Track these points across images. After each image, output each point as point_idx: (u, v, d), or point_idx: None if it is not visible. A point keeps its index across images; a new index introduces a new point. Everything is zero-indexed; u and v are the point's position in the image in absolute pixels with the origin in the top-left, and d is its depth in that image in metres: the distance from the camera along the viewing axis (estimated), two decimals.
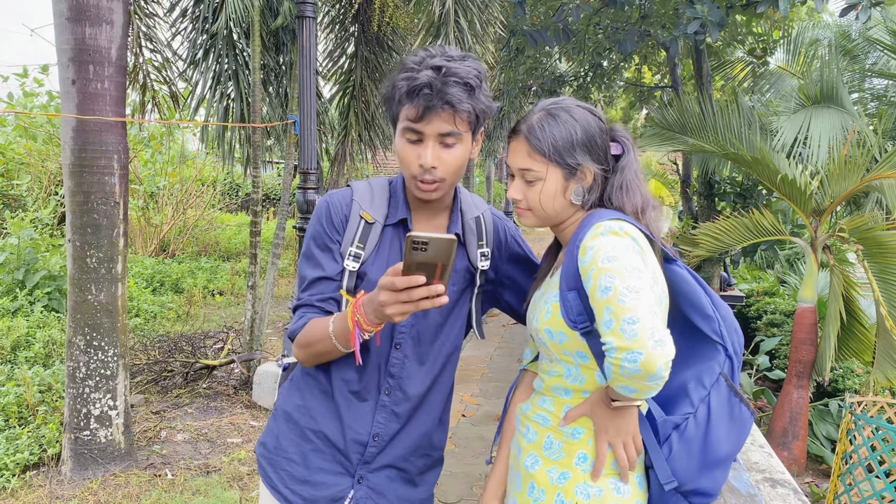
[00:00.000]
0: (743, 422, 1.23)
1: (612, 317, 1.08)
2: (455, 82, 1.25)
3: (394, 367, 1.38)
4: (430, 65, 1.27)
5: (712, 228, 4.94)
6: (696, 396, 1.22)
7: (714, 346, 1.23)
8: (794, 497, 1.79)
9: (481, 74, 1.31)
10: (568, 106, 1.31)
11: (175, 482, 3.52)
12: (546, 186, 1.28)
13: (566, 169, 1.27)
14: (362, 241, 1.39)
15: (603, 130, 1.31)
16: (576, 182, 1.29)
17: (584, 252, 1.18)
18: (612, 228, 1.19)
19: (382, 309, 1.11)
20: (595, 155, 1.29)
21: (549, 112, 1.30)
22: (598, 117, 1.32)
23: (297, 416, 1.42)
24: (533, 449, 1.31)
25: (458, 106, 1.26)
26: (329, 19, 6.85)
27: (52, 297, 6.08)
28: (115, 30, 3.39)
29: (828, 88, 5.35)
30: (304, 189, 4.77)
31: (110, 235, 3.49)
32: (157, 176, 10.78)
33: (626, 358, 1.05)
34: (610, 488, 1.23)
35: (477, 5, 5.89)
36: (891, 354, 4.16)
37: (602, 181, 1.31)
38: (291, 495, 1.38)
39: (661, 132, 5.82)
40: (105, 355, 3.52)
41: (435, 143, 1.29)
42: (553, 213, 1.31)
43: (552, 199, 1.29)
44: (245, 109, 5.76)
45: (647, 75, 10.13)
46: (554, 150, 1.26)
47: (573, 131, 1.27)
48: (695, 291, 1.26)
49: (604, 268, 1.13)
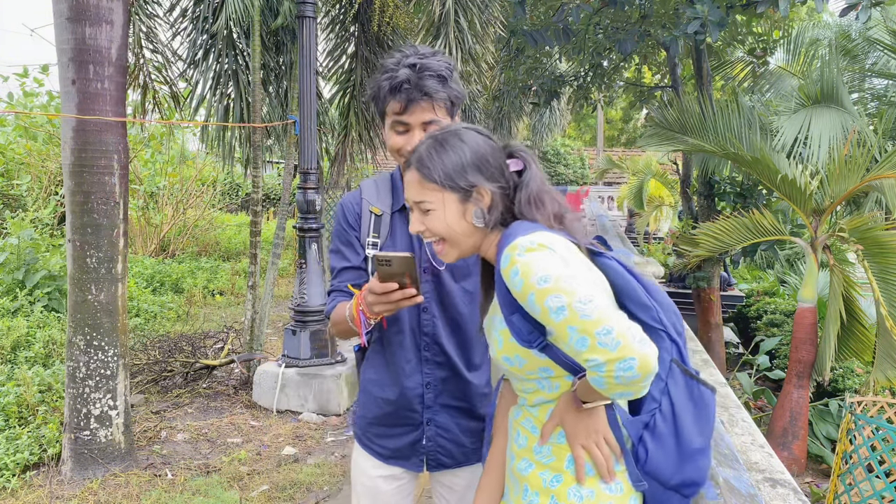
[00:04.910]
0: (706, 402, 1.24)
1: (582, 335, 1.07)
2: (430, 75, 1.46)
3: (426, 327, 1.62)
4: (407, 63, 1.47)
5: (712, 228, 4.94)
6: (656, 389, 1.22)
7: (657, 333, 1.23)
8: (794, 497, 1.79)
9: (451, 66, 1.51)
10: (455, 130, 1.30)
11: (175, 482, 3.52)
12: (444, 213, 1.27)
13: (460, 192, 1.25)
14: (376, 231, 1.64)
15: (495, 149, 1.30)
16: (473, 204, 1.26)
17: (509, 278, 1.17)
18: (525, 246, 1.16)
19: (371, 306, 1.38)
20: (488, 174, 1.27)
21: (436, 139, 1.29)
22: (487, 136, 1.31)
23: (370, 387, 1.69)
24: (525, 454, 1.32)
25: (435, 95, 1.47)
26: (329, 19, 6.85)
27: (52, 297, 6.08)
28: (115, 30, 3.39)
29: (828, 88, 5.34)
30: (304, 189, 4.77)
31: (110, 235, 3.49)
32: (157, 176, 10.79)
33: (620, 367, 1.05)
34: (601, 488, 1.23)
35: (477, 5, 5.89)
36: (891, 354, 4.16)
37: (503, 199, 1.28)
38: (380, 448, 1.67)
39: (661, 132, 5.82)
40: (105, 355, 3.52)
41: (420, 131, 1.50)
42: (463, 238, 1.29)
43: (454, 224, 1.27)
44: (245, 109, 5.76)
45: (647, 75, 10.13)
46: (444, 175, 1.25)
47: (462, 154, 1.26)
48: (628, 282, 1.26)
49: (543, 290, 1.11)
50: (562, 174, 27.34)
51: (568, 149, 27.97)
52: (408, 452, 1.66)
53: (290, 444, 4.08)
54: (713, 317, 6.60)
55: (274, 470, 3.71)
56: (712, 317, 6.60)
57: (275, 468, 3.73)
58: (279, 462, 3.81)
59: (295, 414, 4.53)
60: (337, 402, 4.54)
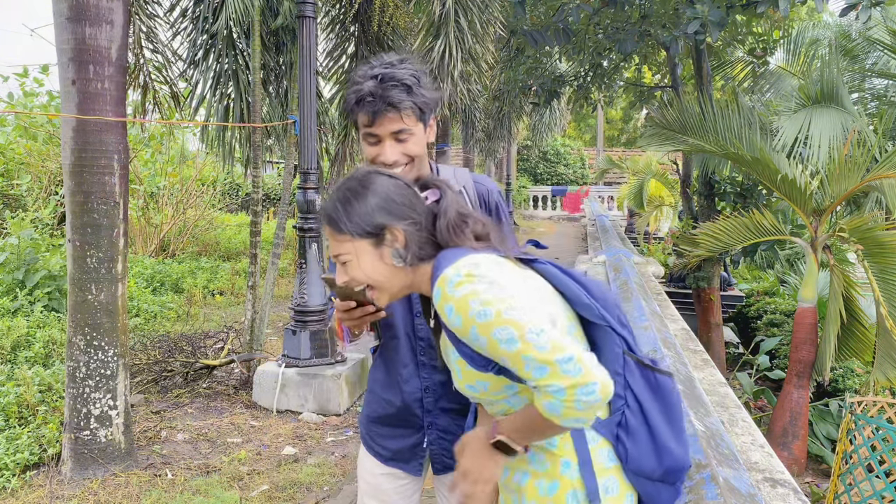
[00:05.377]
0: (667, 388, 1.25)
1: (541, 363, 1.07)
2: (393, 85, 1.46)
3: (420, 332, 1.63)
4: (371, 75, 1.48)
5: (712, 228, 4.95)
6: (618, 386, 1.23)
7: (603, 329, 1.25)
8: (794, 497, 1.79)
9: (418, 73, 1.51)
10: (359, 177, 1.30)
11: (175, 482, 3.52)
12: (359, 261, 1.26)
13: (371, 237, 1.25)
14: None
15: (401, 187, 1.30)
16: (388, 246, 1.26)
17: (445, 315, 1.16)
18: (453, 280, 1.15)
19: (343, 321, 1.42)
20: (397, 213, 1.26)
21: (340, 191, 1.29)
22: (389, 176, 1.31)
23: (375, 387, 1.72)
24: (518, 465, 1.31)
25: (400, 105, 1.46)
26: (329, 19, 6.85)
27: (52, 296, 6.08)
28: (115, 30, 3.39)
29: (828, 88, 5.34)
30: (304, 189, 4.77)
31: (110, 235, 3.49)
32: (157, 176, 10.79)
33: (583, 392, 1.06)
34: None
35: (477, 5, 5.89)
36: (891, 354, 4.16)
37: (419, 234, 1.27)
38: (381, 449, 1.69)
39: (661, 132, 5.82)
40: (105, 355, 3.52)
41: (391, 141, 1.51)
42: (387, 281, 1.28)
43: (372, 270, 1.27)
44: (245, 109, 5.76)
45: (647, 75, 10.13)
46: (352, 224, 1.25)
47: (366, 200, 1.26)
48: (566, 284, 1.27)
49: (485, 324, 1.10)
50: (562, 174, 27.35)
51: (568, 149, 27.98)
52: (408, 455, 1.67)
53: (290, 444, 4.08)
54: (713, 317, 6.60)
55: (274, 470, 3.71)
56: (712, 317, 6.60)
57: (275, 468, 3.73)
58: (279, 462, 3.81)
59: (295, 414, 4.53)
60: (337, 402, 4.54)
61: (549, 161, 27.36)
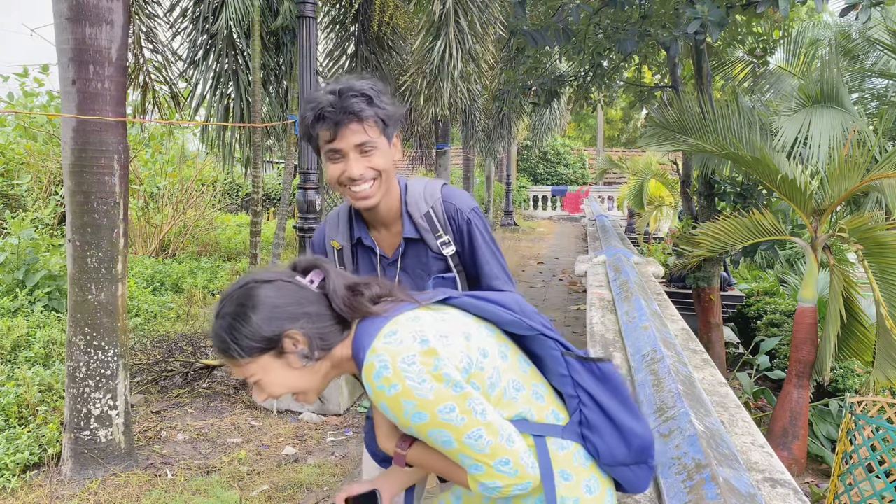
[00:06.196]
0: (611, 373, 1.27)
1: (478, 463, 1.09)
2: (352, 95, 1.42)
3: None
4: (328, 90, 1.45)
5: (712, 228, 4.94)
6: (569, 387, 1.25)
7: (535, 338, 1.26)
8: (794, 497, 1.79)
9: (377, 86, 1.47)
10: (232, 297, 1.20)
11: (175, 482, 3.52)
12: (270, 377, 1.20)
13: (270, 351, 1.17)
14: (341, 263, 1.67)
15: (281, 287, 1.21)
16: (290, 352, 1.18)
17: (382, 411, 1.12)
18: (379, 374, 1.09)
19: None
20: (287, 317, 1.18)
21: (219, 319, 1.20)
22: (265, 281, 1.21)
23: None
24: None
25: (362, 114, 1.42)
26: (329, 19, 6.86)
27: (52, 296, 6.08)
28: (115, 30, 3.39)
29: (828, 88, 5.34)
30: (304, 189, 4.77)
31: (110, 235, 3.49)
32: (157, 176, 10.78)
33: (518, 488, 1.11)
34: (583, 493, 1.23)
35: (477, 5, 5.90)
36: (891, 354, 4.16)
37: (318, 326, 1.20)
38: (378, 450, 1.63)
39: (661, 132, 5.82)
40: (105, 355, 3.52)
41: (355, 155, 1.46)
42: (305, 383, 1.23)
43: (286, 381, 1.20)
44: (245, 109, 5.77)
45: (647, 75, 10.13)
46: (244, 348, 1.17)
47: (249, 319, 1.16)
48: (484, 309, 1.26)
49: (423, 425, 1.09)
50: (562, 174, 27.35)
51: (568, 149, 27.98)
52: None
53: (290, 444, 4.08)
54: (713, 317, 6.60)
55: (274, 470, 3.71)
56: (712, 317, 6.60)
57: (275, 468, 3.73)
58: (279, 462, 3.81)
59: (295, 414, 4.53)
60: (337, 402, 4.54)
61: (549, 161, 27.36)
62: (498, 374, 1.19)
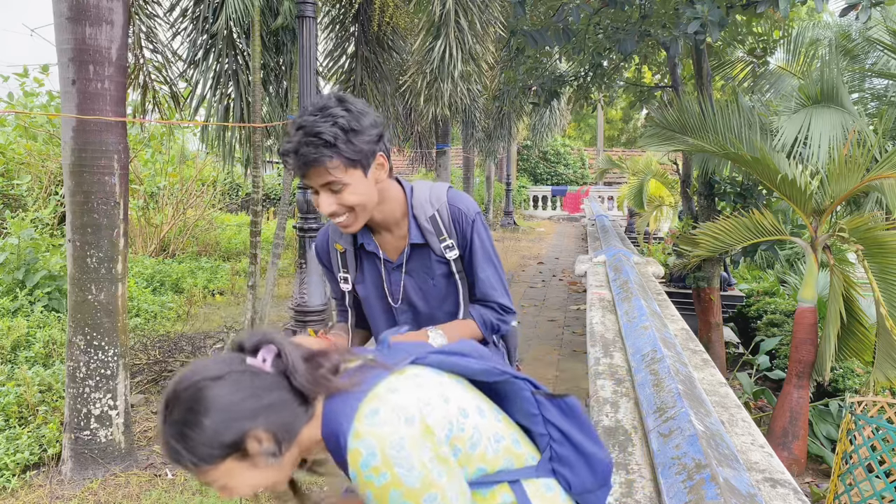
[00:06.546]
0: (575, 407, 1.29)
1: None
2: (310, 142, 1.37)
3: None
4: (297, 125, 1.40)
5: (712, 228, 4.94)
6: (539, 425, 1.27)
7: (507, 383, 1.27)
8: (794, 497, 1.79)
9: (339, 123, 1.38)
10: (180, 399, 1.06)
11: (175, 482, 3.52)
12: (235, 480, 1.08)
13: (233, 454, 1.04)
14: (344, 266, 1.72)
15: (235, 381, 1.06)
16: (255, 453, 1.05)
17: (369, 499, 1.06)
18: (369, 463, 1.02)
19: None
20: (247, 415, 1.04)
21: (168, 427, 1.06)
22: (213, 378, 1.06)
23: None
24: None
25: (320, 162, 1.39)
26: (329, 19, 6.85)
27: (52, 296, 6.08)
28: (115, 30, 3.39)
29: (828, 88, 5.34)
30: (305, 189, 4.77)
31: (110, 235, 3.49)
32: (157, 176, 10.78)
33: None
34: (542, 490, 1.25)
35: (477, 5, 5.90)
36: (891, 354, 4.16)
37: (282, 416, 1.08)
38: None
39: (661, 132, 5.82)
40: (105, 355, 3.52)
41: (325, 192, 1.46)
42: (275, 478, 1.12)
43: (253, 480, 1.09)
44: (245, 109, 5.77)
45: (647, 75, 10.13)
46: (202, 458, 1.04)
47: (202, 426, 1.03)
48: (454, 364, 1.26)
49: None
50: (562, 174, 27.35)
51: (568, 149, 27.97)
52: None
53: None
54: (713, 317, 6.60)
55: None
56: (712, 317, 6.60)
57: None
58: None
59: None
60: None
61: (549, 161, 27.36)
62: (478, 433, 1.18)
